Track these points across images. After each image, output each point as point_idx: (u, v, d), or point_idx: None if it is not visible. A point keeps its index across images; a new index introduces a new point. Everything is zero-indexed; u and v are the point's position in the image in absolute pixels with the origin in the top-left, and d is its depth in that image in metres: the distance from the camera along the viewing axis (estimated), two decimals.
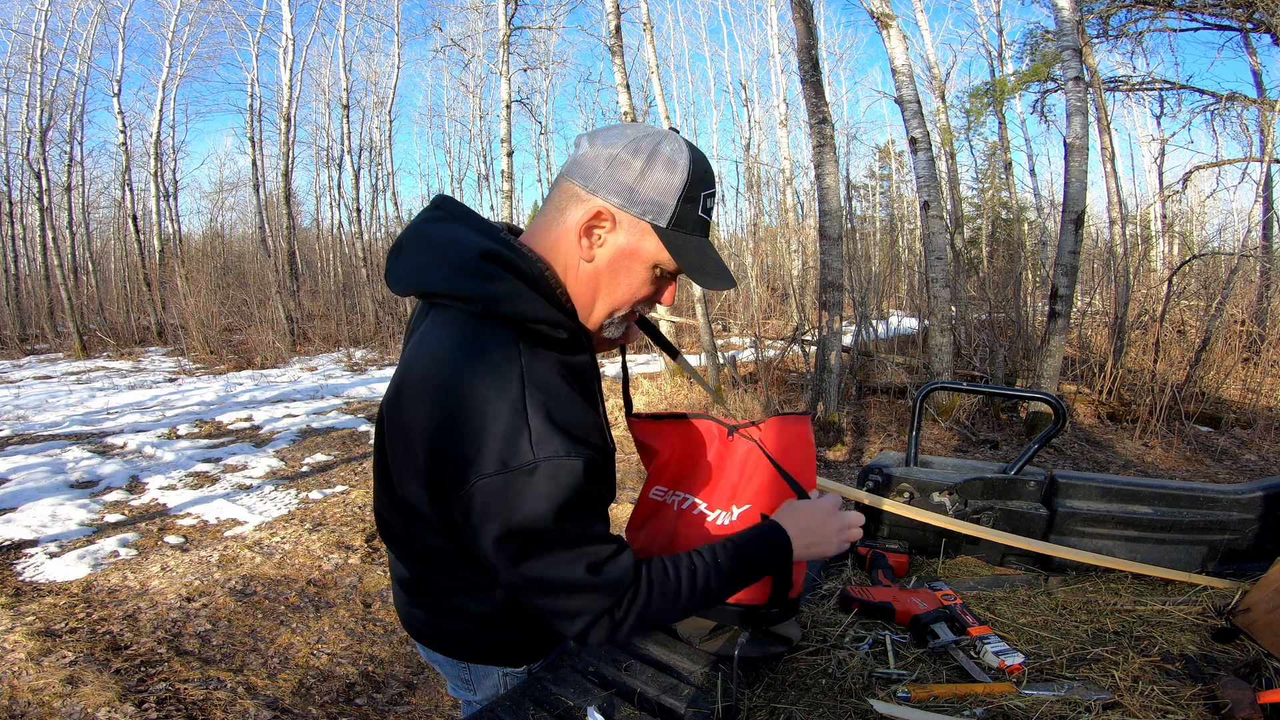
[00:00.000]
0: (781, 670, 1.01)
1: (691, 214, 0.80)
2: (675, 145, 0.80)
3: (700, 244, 0.82)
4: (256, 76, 15.20)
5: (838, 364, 5.34)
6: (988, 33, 13.34)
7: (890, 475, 1.50)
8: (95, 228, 18.53)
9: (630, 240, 0.81)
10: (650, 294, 0.85)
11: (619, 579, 0.75)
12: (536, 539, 0.72)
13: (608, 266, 0.82)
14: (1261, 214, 8.48)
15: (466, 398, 0.73)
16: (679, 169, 0.79)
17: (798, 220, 15.18)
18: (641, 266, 0.82)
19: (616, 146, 0.79)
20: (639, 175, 0.78)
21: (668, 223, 0.79)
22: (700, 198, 0.81)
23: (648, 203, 0.79)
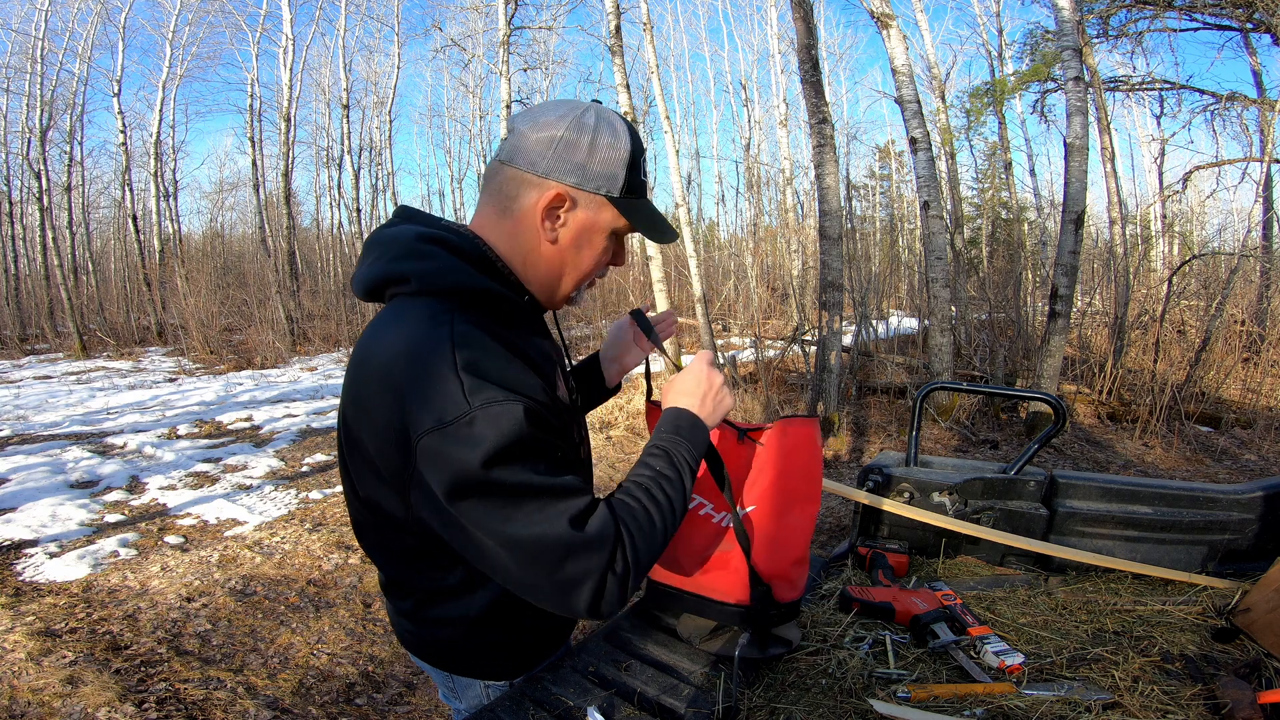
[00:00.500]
0: (781, 670, 1.01)
1: (636, 179, 0.85)
2: (612, 119, 0.84)
3: (646, 205, 0.88)
4: (256, 76, 15.21)
5: (838, 364, 5.34)
6: (988, 33, 13.36)
7: (890, 475, 1.50)
8: (95, 228, 18.54)
9: (589, 215, 0.84)
10: (609, 258, 0.90)
11: (603, 530, 0.71)
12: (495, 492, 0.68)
13: (571, 243, 0.85)
14: (1261, 214, 8.48)
15: (395, 367, 0.72)
16: (621, 141, 0.83)
17: (798, 220, 15.18)
18: (601, 236, 0.86)
19: (559, 128, 0.80)
20: (588, 153, 0.81)
21: (620, 192, 0.83)
22: (640, 163, 0.86)
23: (601, 177, 0.82)
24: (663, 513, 0.77)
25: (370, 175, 19.72)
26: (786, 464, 1.01)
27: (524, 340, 0.82)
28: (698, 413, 0.87)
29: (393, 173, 20.10)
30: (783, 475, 1.01)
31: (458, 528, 0.70)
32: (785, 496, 1.00)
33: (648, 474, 0.80)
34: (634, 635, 1.11)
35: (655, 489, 0.78)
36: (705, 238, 20.01)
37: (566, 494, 0.71)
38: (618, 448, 5.14)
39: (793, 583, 1.03)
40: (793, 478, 1.02)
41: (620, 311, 12.33)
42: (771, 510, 1.00)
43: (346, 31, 15.49)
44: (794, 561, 1.02)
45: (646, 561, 0.75)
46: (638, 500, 0.77)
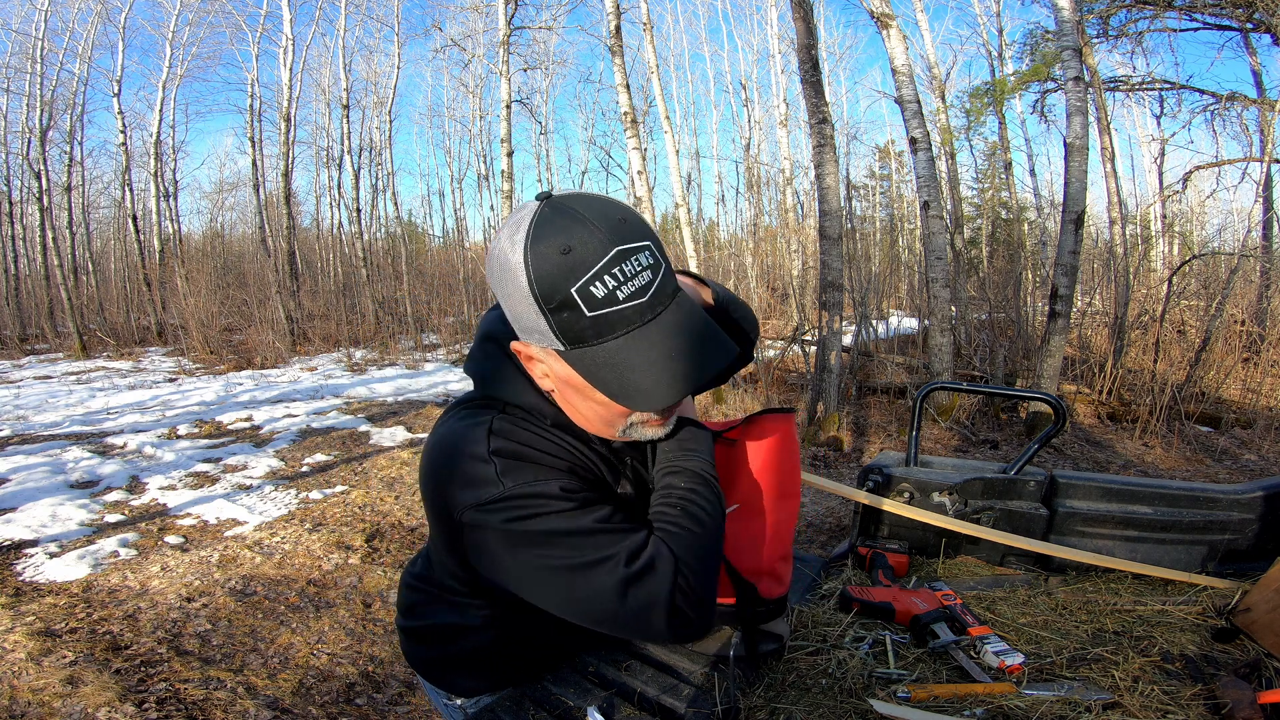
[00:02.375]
0: (781, 670, 1.01)
1: (575, 320, 0.61)
2: (514, 243, 0.62)
3: (616, 351, 0.63)
4: (256, 76, 15.21)
5: (838, 364, 5.34)
6: (988, 33, 13.35)
7: (890, 475, 1.50)
8: (95, 228, 18.54)
9: (560, 369, 0.68)
10: (627, 411, 0.71)
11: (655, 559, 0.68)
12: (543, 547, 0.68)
13: (565, 393, 0.73)
14: (1261, 214, 8.48)
15: (434, 454, 0.76)
16: (520, 279, 0.62)
17: (798, 220, 15.18)
18: (589, 390, 0.68)
19: (493, 260, 0.66)
20: (507, 301, 0.65)
21: (565, 343, 0.64)
22: (572, 295, 0.60)
23: (532, 330, 0.65)
24: (705, 527, 0.74)
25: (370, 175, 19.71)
26: (766, 461, 0.98)
27: (571, 444, 0.77)
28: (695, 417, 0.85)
29: (393, 173, 20.09)
30: (762, 472, 0.98)
31: (528, 585, 0.71)
32: (765, 494, 0.98)
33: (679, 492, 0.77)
34: None
35: (692, 505, 0.75)
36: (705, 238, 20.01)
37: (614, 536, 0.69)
38: None
39: (779, 578, 1.01)
40: (771, 474, 0.99)
41: None
42: (753, 509, 0.98)
43: (346, 31, 15.49)
44: (779, 558, 1.00)
45: (706, 577, 0.72)
46: (678, 524, 0.73)
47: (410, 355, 10.62)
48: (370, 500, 4.07)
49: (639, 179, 7.16)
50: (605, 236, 0.61)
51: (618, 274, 0.61)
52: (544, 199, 0.64)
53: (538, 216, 0.62)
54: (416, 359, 10.25)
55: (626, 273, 0.62)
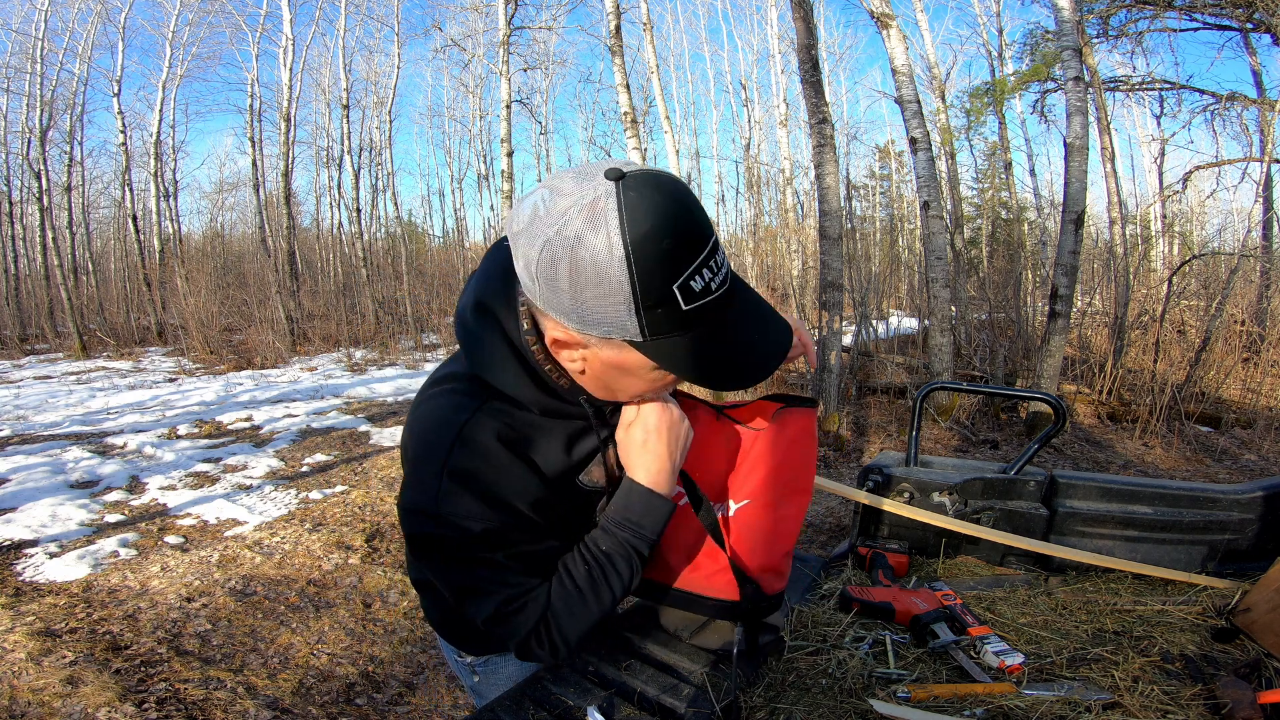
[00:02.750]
0: (781, 670, 1.01)
1: (671, 314, 0.60)
2: (598, 232, 0.57)
3: (702, 337, 0.63)
4: (256, 76, 15.22)
5: (838, 364, 5.34)
6: (988, 33, 13.35)
7: (890, 475, 1.50)
8: (95, 228, 18.54)
9: (611, 355, 0.66)
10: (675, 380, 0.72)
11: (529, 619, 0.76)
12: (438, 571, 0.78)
13: (604, 376, 0.71)
14: (1261, 214, 8.48)
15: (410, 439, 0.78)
16: (613, 276, 0.57)
17: (798, 220, 15.18)
18: (643, 371, 0.67)
19: (534, 250, 0.60)
20: (572, 293, 0.60)
21: (643, 336, 0.61)
22: (673, 292, 0.58)
23: (604, 324, 0.61)
24: (595, 597, 0.79)
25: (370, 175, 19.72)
26: (785, 457, 0.96)
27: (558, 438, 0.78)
28: (658, 486, 0.81)
29: (393, 173, 20.10)
30: (780, 468, 0.95)
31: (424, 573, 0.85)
32: (780, 490, 0.96)
33: (600, 554, 0.80)
34: (634, 635, 1.11)
35: (599, 571, 0.79)
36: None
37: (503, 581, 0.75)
38: None
39: (781, 574, 1.00)
40: (789, 470, 0.96)
41: None
42: (766, 504, 0.96)
43: (346, 31, 15.50)
44: (785, 554, 0.99)
45: (569, 633, 0.78)
46: (573, 581, 0.79)
47: (410, 355, 10.63)
48: (370, 500, 4.07)
49: None
50: (701, 222, 0.60)
51: (713, 265, 0.61)
52: (619, 178, 0.58)
53: (625, 202, 0.57)
54: (416, 359, 10.26)
55: (718, 263, 0.61)
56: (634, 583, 0.82)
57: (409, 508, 0.75)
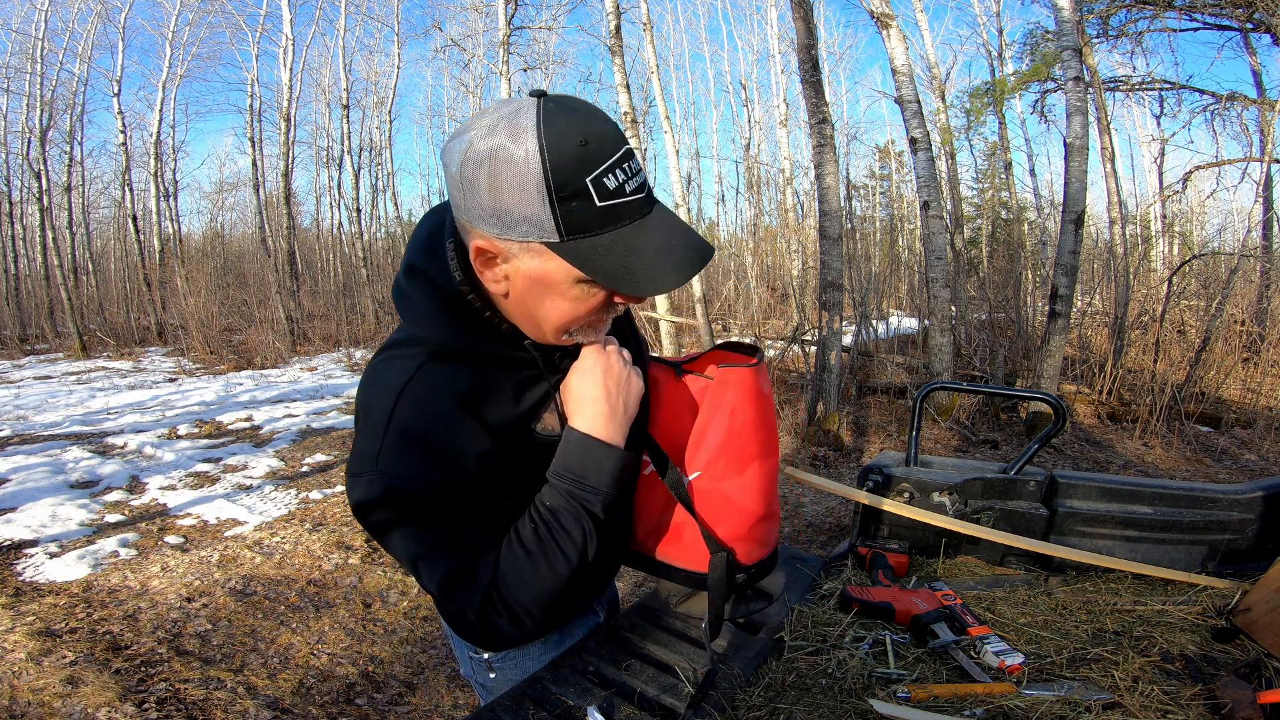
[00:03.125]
0: (781, 670, 1.01)
1: (585, 210, 0.61)
2: (516, 135, 0.60)
3: (622, 240, 0.64)
4: (256, 76, 15.22)
5: (838, 364, 5.34)
6: (988, 33, 13.36)
7: (890, 475, 1.50)
8: (95, 228, 18.55)
9: (532, 265, 0.66)
10: (603, 301, 0.71)
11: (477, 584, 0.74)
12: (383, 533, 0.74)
13: (527, 296, 0.70)
14: (1261, 214, 8.48)
15: (360, 400, 0.76)
16: (529, 169, 0.60)
17: (798, 220, 15.18)
18: (565, 286, 0.68)
19: (455, 160, 0.63)
20: (490, 193, 0.62)
21: (559, 235, 0.62)
22: (586, 185, 0.61)
23: (520, 223, 0.62)
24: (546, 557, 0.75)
25: (370, 175, 19.72)
26: (733, 420, 0.87)
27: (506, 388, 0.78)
28: (597, 431, 0.78)
29: (393, 173, 20.12)
30: (728, 439, 0.88)
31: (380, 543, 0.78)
32: (731, 459, 0.88)
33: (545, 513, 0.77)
34: (634, 635, 1.11)
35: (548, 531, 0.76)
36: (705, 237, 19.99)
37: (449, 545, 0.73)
38: None
39: (760, 541, 0.93)
40: (737, 439, 0.88)
41: None
42: (723, 473, 0.88)
43: (346, 31, 15.50)
44: (755, 522, 0.91)
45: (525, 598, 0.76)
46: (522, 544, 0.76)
47: None
48: None
49: None
50: (616, 132, 0.63)
51: (626, 169, 0.63)
52: (540, 95, 0.63)
53: (544, 110, 0.61)
54: None
55: (632, 169, 0.64)
56: (590, 545, 0.77)
57: (353, 473, 0.72)
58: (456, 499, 0.73)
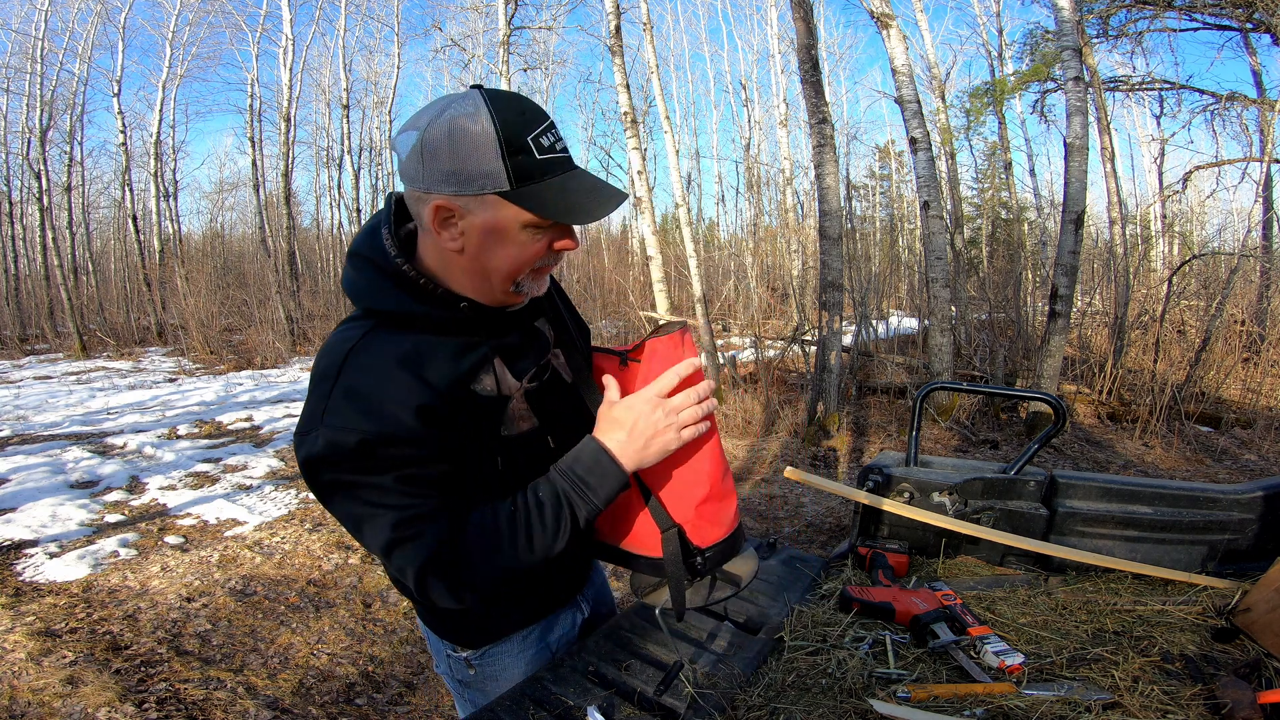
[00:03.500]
0: (781, 670, 1.01)
1: (529, 162, 0.77)
2: (469, 109, 0.76)
3: (558, 184, 0.79)
4: (256, 76, 15.21)
5: (838, 364, 5.34)
6: (988, 33, 13.35)
7: (890, 475, 1.50)
8: (95, 228, 18.54)
9: (487, 216, 0.79)
10: (544, 247, 0.83)
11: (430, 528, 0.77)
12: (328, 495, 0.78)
13: (480, 246, 0.81)
14: (1261, 214, 8.48)
15: (311, 375, 0.83)
16: (482, 130, 0.75)
17: (798, 220, 15.18)
18: (513, 232, 0.81)
19: (416, 139, 0.78)
20: (450, 158, 0.76)
21: (510, 183, 0.77)
22: (528, 142, 0.77)
23: (478, 177, 0.76)
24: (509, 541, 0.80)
25: (370, 175, 19.73)
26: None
27: (445, 352, 0.84)
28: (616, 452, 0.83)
29: (393, 173, 20.09)
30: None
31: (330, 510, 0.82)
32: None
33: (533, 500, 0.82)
34: (634, 635, 1.11)
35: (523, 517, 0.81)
36: (705, 238, 20.02)
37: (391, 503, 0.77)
38: None
39: (712, 521, 0.92)
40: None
41: (620, 311, 12.33)
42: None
43: (346, 31, 15.51)
44: (703, 499, 0.90)
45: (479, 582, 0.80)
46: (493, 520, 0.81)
47: None
48: None
49: (639, 179, 7.16)
50: (541, 109, 0.80)
51: (553, 134, 0.80)
52: (477, 88, 0.79)
53: (489, 94, 0.78)
54: None
55: (557, 134, 0.81)
56: (558, 545, 0.82)
57: (300, 432, 0.77)
58: (397, 453, 0.77)
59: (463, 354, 0.85)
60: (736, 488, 1.01)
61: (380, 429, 0.75)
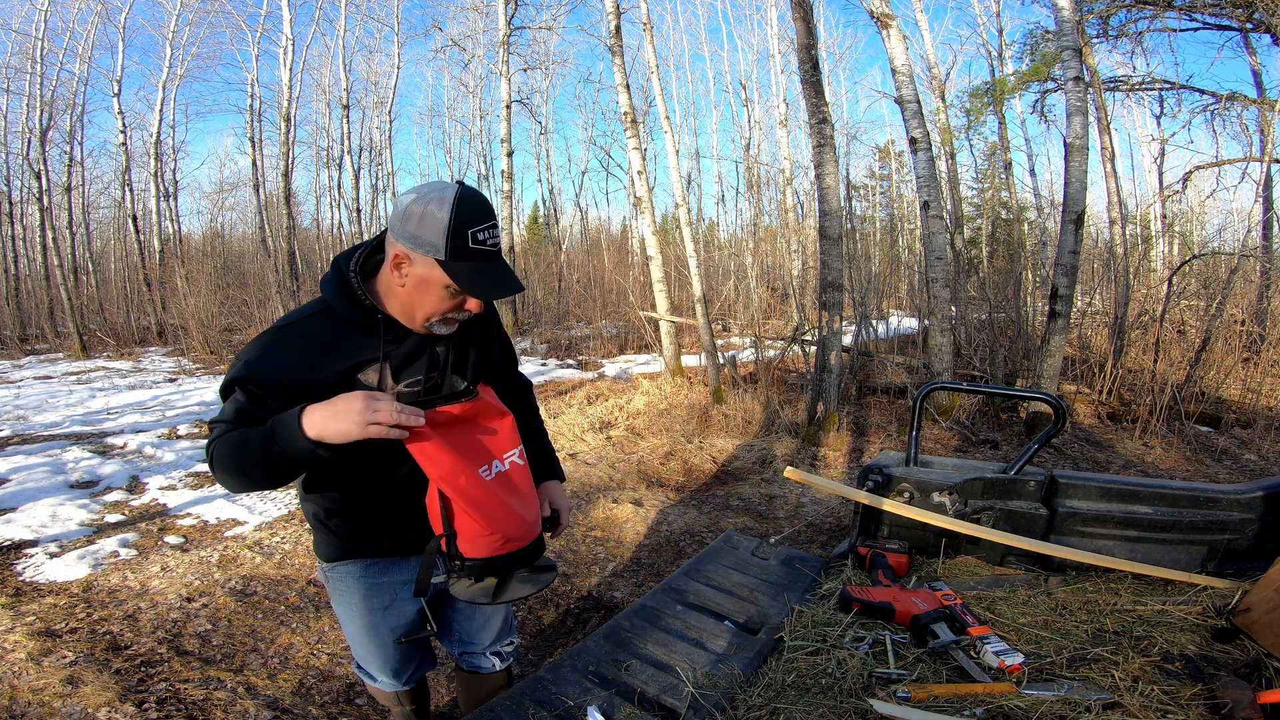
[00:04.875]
0: (781, 670, 1.01)
1: (463, 247, 1.07)
2: (445, 198, 1.07)
3: (477, 267, 1.09)
4: (256, 76, 15.21)
5: (838, 364, 5.34)
6: (988, 33, 13.36)
7: (890, 475, 1.50)
8: (95, 228, 18.54)
9: (424, 270, 1.10)
10: (454, 304, 1.14)
11: (214, 444, 1.12)
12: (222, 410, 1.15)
13: (413, 290, 1.13)
14: (1261, 214, 8.48)
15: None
16: (443, 218, 1.06)
17: (798, 220, 15.18)
18: (437, 288, 1.11)
19: (405, 204, 1.10)
20: (418, 224, 1.08)
21: (445, 255, 1.07)
22: (468, 233, 1.07)
23: (427, 244, 1.08)
24: (234, 465, 1.10)
25: (370, 175, 19.74)
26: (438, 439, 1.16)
27: (347, 337, 1.16)
28: (305, 417, 1.04)
29: (393, 173, 20.12)
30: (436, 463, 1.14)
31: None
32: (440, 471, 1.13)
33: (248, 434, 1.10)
34: (634, 635, 1.11)
35: (239, 444, 1.09)
36: (705, 238, 20.02)
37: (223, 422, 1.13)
38: (617, 448, 5.14)
39: (471, 541, 1.13)
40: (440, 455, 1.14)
41: (620, 311, 12.33)
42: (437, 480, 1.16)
43: (346, 31, 15.51)
44: (467, 522, 1.13)
45: (221, 480, 1.13)
46: (228, 446, 1.10)
47: None
48: None
49: (639, 179, 7.16)
50: (490, 212, 1.12)
51: (490, 232, 1.11)
52: (459, 184, 1.10)
53: (461, 192, 1.09)
54: None
55: (493, 233, 1.12)
56: (257, 469, 1.08)
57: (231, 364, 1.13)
58: (257, 392, 1.11)
59: (364, 350, 1.16)
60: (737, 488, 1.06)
61: (260, 374, 1.10)
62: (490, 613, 1.44)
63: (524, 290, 1.20)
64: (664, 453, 4.89)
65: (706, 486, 4.30)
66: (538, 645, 2.56)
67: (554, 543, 3.45)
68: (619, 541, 3.48)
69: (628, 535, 3.55)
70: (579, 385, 7.64)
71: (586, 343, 11.16)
